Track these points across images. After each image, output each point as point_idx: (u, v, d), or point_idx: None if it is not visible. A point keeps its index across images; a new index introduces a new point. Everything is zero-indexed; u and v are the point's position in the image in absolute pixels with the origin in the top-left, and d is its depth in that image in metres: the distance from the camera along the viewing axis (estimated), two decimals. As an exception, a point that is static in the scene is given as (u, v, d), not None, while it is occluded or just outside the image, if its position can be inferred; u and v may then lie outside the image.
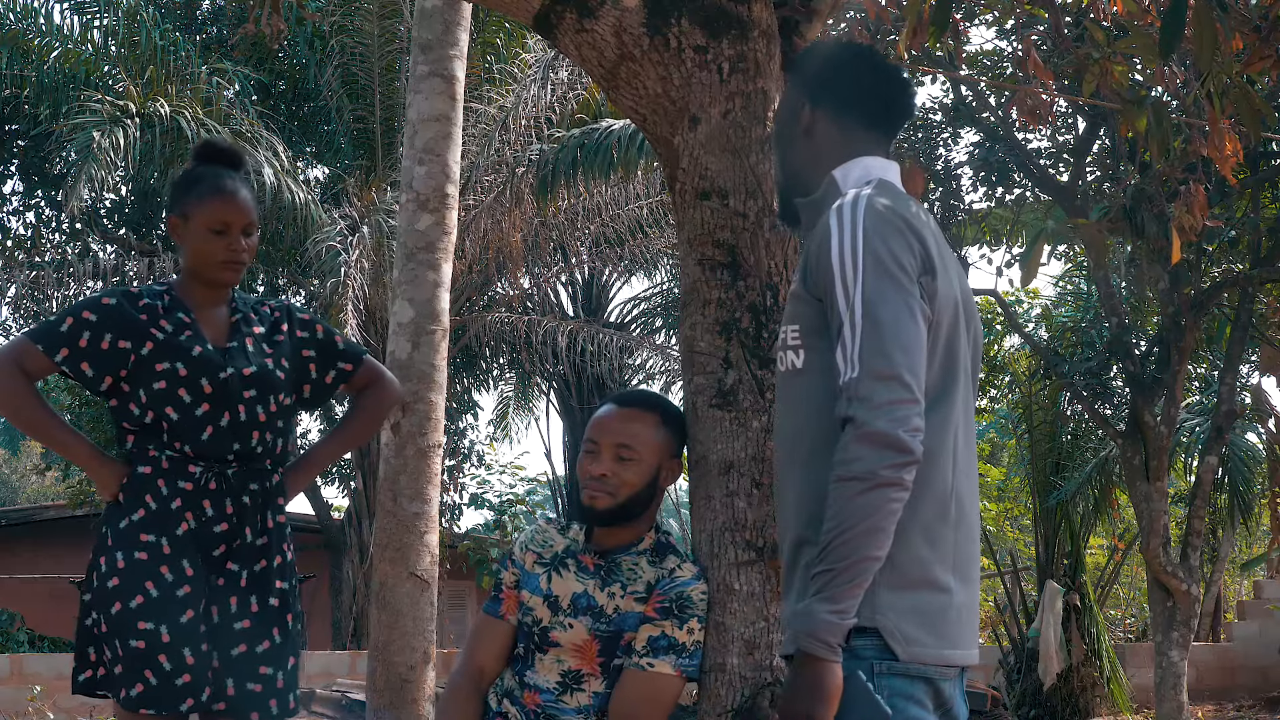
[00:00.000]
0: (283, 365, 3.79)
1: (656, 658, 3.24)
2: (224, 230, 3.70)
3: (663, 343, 18.72)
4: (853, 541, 2.47)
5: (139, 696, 3.51)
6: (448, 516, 20.17)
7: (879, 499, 2.47)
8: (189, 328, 3.68)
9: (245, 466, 3.69)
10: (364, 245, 14.46)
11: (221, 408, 3.65)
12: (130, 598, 3.53)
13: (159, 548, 3.57)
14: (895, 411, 2.48)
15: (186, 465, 3.63)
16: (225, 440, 3.65)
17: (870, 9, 5.27)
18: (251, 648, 3.65)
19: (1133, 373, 10.82)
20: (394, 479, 6.64)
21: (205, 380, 3.64)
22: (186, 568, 3.58)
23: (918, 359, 2.54)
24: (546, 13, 3.53)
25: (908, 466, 2.48)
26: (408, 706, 6.49)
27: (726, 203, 3.42)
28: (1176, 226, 6.10)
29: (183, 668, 3.51)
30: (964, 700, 2.74)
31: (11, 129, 17.31)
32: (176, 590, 3.56)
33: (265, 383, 3.72)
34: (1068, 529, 13.91)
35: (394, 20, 15.48)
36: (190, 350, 3.65)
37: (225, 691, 3.58)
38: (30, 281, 16.04)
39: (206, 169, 3.80)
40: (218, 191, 3.72)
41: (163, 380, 3.62)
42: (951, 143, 12.26)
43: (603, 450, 3.36)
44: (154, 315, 3.68)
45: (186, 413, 3.62)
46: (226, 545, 3.66)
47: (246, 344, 3.75)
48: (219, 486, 3.65)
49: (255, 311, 3.86)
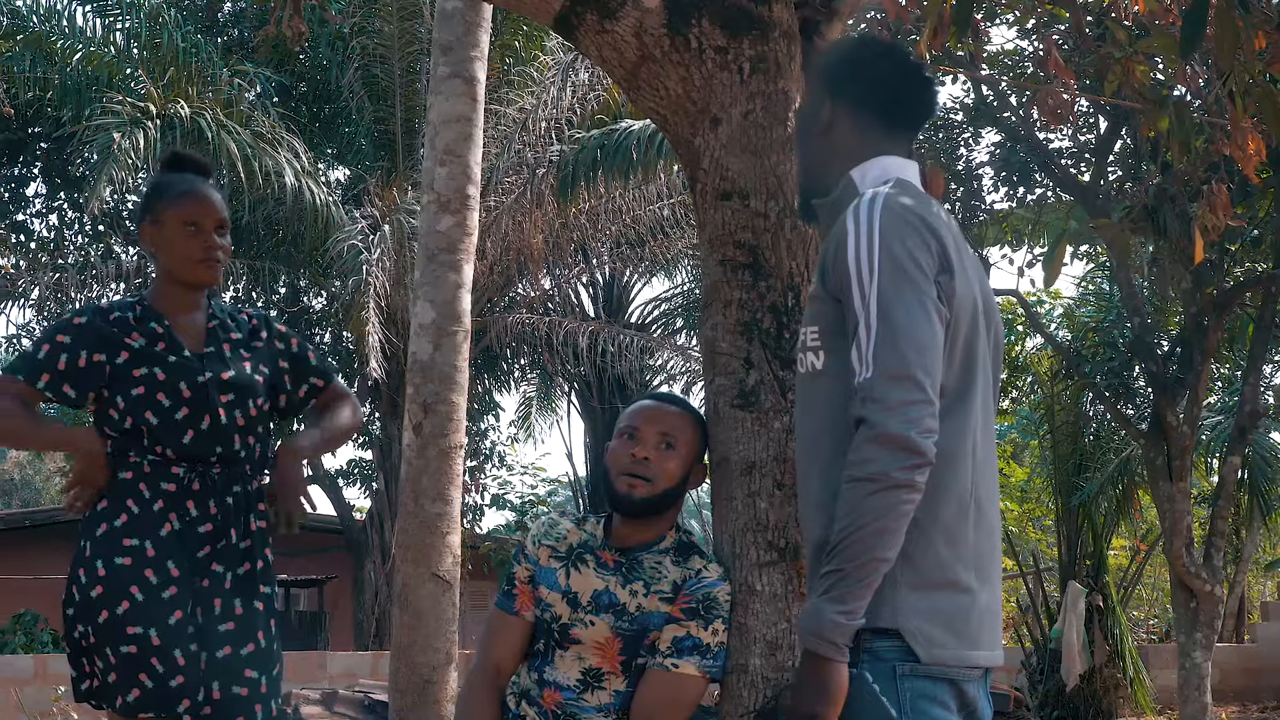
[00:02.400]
0: (261, 370, 3.80)
1: (681, 658, 3.24)
2: (197, 226, 3.71)
3: (684, 343, 18.70)
4: (863, 542, 2.46)
5: (136, 701, 3.50)
6: (469, 517, 20.19)
7: (891, 500, 2.46)
8: (162, 337, 3.69)
9: (228, 469, 3.69)
10: (385, 245, 14.50)
11: (201, 411, 3.64)
12: (116, 604, 3.51)
13: (142, 551, 3.55)
14: (908, 413, 2.47)
15: (169, 467, 3.63)
16: (207, 443, 3.65)
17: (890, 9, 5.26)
18: (236, 650, 3.62)
19: (1155, 373, 10.79)
20: (416, 480, 6.65)
21: (184, 385, 3.63)
22: (172, 569, 3.56)
23: (932, 359, 2.53)
24: (567, 14, 3.53)
25: (920, 468, 2.47)
26: (430, 707, 6.51)
27: (747, 203, 3.42)
28: (1199, 226, 6.07)
29: (175, 669, 3.50)
30: (989, 701, 2.74)
31: (34, 131, 17.36)
32: (162, 592, 3.54)
33: (243, 387, 3.72)
34: (1090, 529, 13.89)
35: (414, 22, 15.51)
36: (166, 356, 3.66)
37: (211, 695, 3.55)
38: (53, 284, 16.11)
39: (175, 175, 3.83)
40: (189, 192, 3.76)
41: (141, 386, 3.62)
42: (972, 143, 12.25)
43: (645, 436, 3.35)
44: (125, 327, 3.68)
45: (166, 417, 3.62)
46: (211, 546, 3.64)
47: (224, 348, 3.76)
48: (203, 487, 3.64)
49: (233, 318, 3.86)
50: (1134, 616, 18.14)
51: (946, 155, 11.88)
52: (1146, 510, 15.43)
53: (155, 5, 15.96)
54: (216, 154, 13.73)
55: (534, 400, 23.01)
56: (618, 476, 3.35)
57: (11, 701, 13.11)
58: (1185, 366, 10.70)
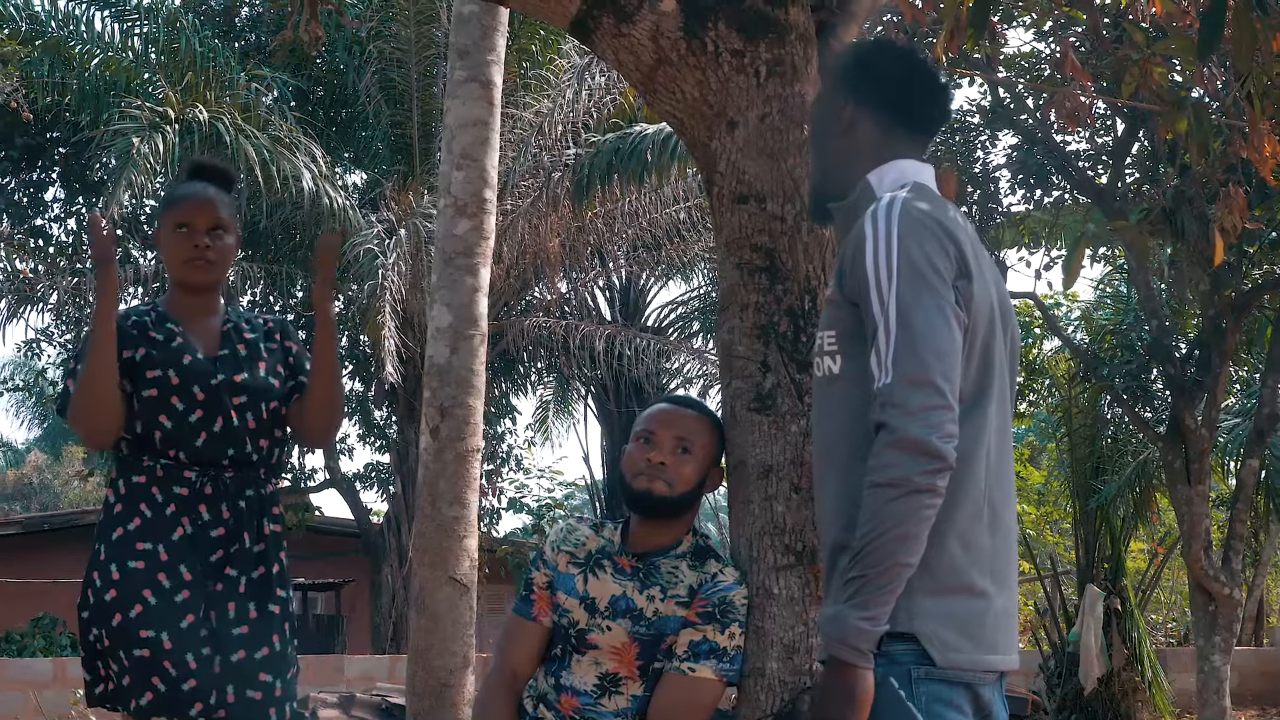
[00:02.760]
0: (276, 372, 3.81)
1: (698, 662, 3.23)
2: (186, 227, 3.71)
3: (700, 347, 18.68)
4: (885, 547, 2.46)
5: (149, 705, 3.51)
6: (486, 521, 20.22)
7: (912, 505, 2.46)
8: (178, 337, 3.71)
9: (241, 473, 3.70)
10: (401, 249, 14.51)
11: (214, 414, 3.66)
12: (129, 608, 3.53)
13: (155, 555, 3.57)
14: (929, 417, 2.47)
15: (182, 471, 3.64)
16: (219, 446, 3.66)
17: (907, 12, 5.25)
18: (250, 654, 3.63)
19: (1173, 375, 10.76)
20: (433, 484, 6.65)
21: (197, 387, 3.65)
22: (184, 573, 3.58)
23: (951, 364, 2.53)
24: (583, 18, 3.53)
25: (941, 472, 2.47)
26: (447, 711, 6.51)
27: (764, 206, 3.41)
28: (1217, 228, 6.05)
29: (188, 673, 3.51)
30: (1004, 705, 2.73)
31: (53, 136, 17.42)
32: (175, 596, 3.56)
33: (256, 390, 3.73)
34: (1108, 533, 13.85)
35: (431, 26, 15.52)
36: (180, 359, 3.67)
37: (225, 699, 3.56)
38: (71, 288, 16.17)
39: (185, 183, 3.86)
40: (184, 195, 3.77)
41: (154, 388, 3.64)
42: (989, 145, 12.24)
43: (662, 441, 3.35)
44: (143, 329, 3.71)
45: (179, 420, 3.64)
46: (224, 550, 3.65)
47: (238, 350, 3.77)
48: (215, 491, 3.66)
49: (248, 322, 3.87)
50: (1152, 620, 18.09)
51: (963, 158, 11.86)
52: (1164, 513, 15.39)
53: (173, 10, 16.00)
54: (235, 158, 13.76)
55: (551, 404, 23.00)
56: (634, 478, 3.36)
57: (30, 704, 13.15)
58: (1203, 369, 10.68)
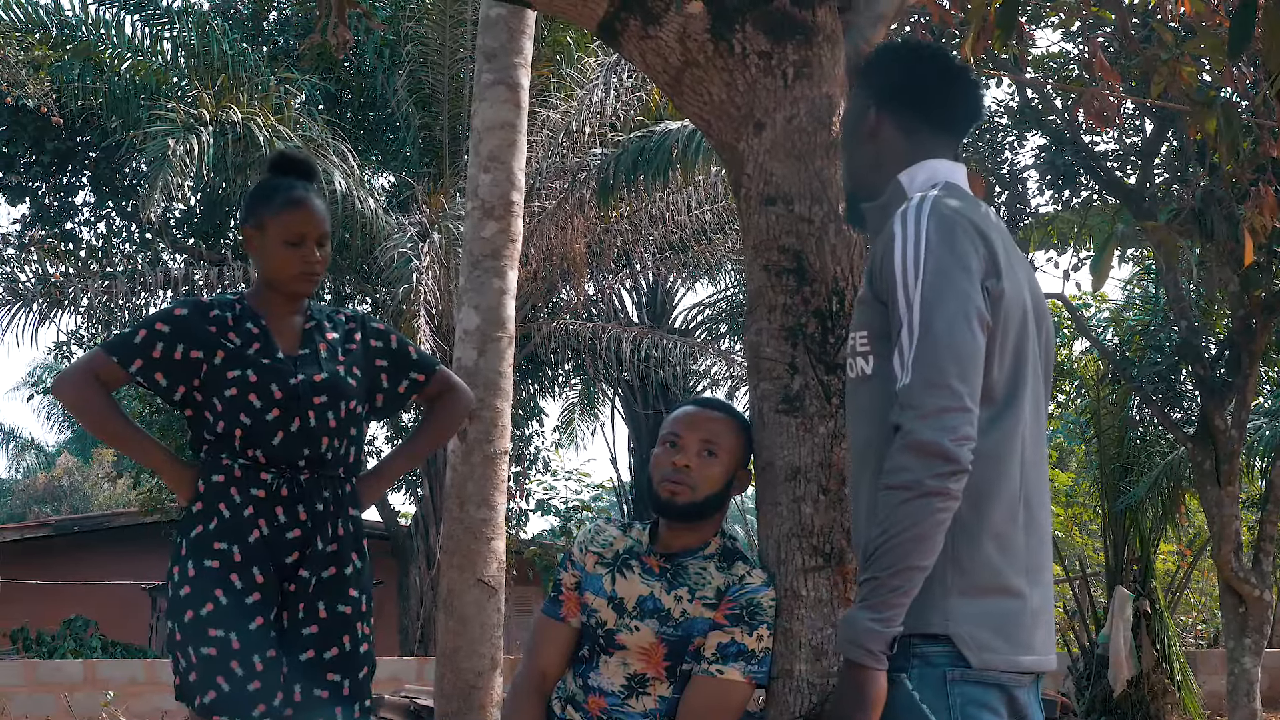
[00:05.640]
0: (354, 373, 3.81)
1: (726, 664, 3.24)
2: (299, 242, 3.73)
3: (727, 349, 18.65)
4: (897, 550, 2.46)
5: (213, 703, 3.54)
6: (514, 523, 20.22)
7: (924, 508, 2.45)
8: (259, 338, 3.72)
9: (317, 473, 3.71)
10: (435, 252, 14.54)
11: (292, 413, 3.67)
12: (201, 605, 3.57)
13: (230, 555, 3.60)
14: (943, 420, 2.46)
15: (259, 473, 3.66)
16: (296, 446, 3.68)
17: (935, 13, 5.25)
18: (320, 654, 3.66)
19: (1202, 376, 10.71)
20: (461, 486, 6.67)
21: (275, 386, 3.66)
22: (257, 575, 3.61)
23: (971, 367, 2.51)
24: (611, 20, 3.54)
25: (955, 476, 2.45)
26: (476, 712, 6.52)
27: (792, 208, 3.41)
28: (1247, 228, 6.03)
29: (253, 674, 3.54)
30: (1040, 708, 2.71)
31: (83, 141, 17.51)
32: (246, 598, 3.59)
33: (336, 389, 3.74)
34: (1137, 534, 13.79)
35: (460, 29, 15.55)
36: (260, 359, 3.68)
37: (293, 698, 3.59)
38: (102, 290, 16.25)
39: (281, 180, 3.83)
40: (292, 204, 3.75)
41: (234, 388, 3.65)
42: (1018, 146, 12.19)
43: (687, 444, 3.36)
44: (224, 326, 3.71)
45: (258, 418, 3.65)
46: (299, 552, 3.68)
47: (319, 350, 3.78)
48: (291, 493, 3.67)
49: (330, 319, 3.88)
50: (1182, 622, 17.99)
51: (991, 159, 11.83)
52: (1194, 515, 15.30)
53: (203, 14, 16.05)
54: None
55: (578, 406, 23.01)
56: (659, 483, 3.36)
57: (61, 706, 13.21)
58: (1233, 370, 10.62)
